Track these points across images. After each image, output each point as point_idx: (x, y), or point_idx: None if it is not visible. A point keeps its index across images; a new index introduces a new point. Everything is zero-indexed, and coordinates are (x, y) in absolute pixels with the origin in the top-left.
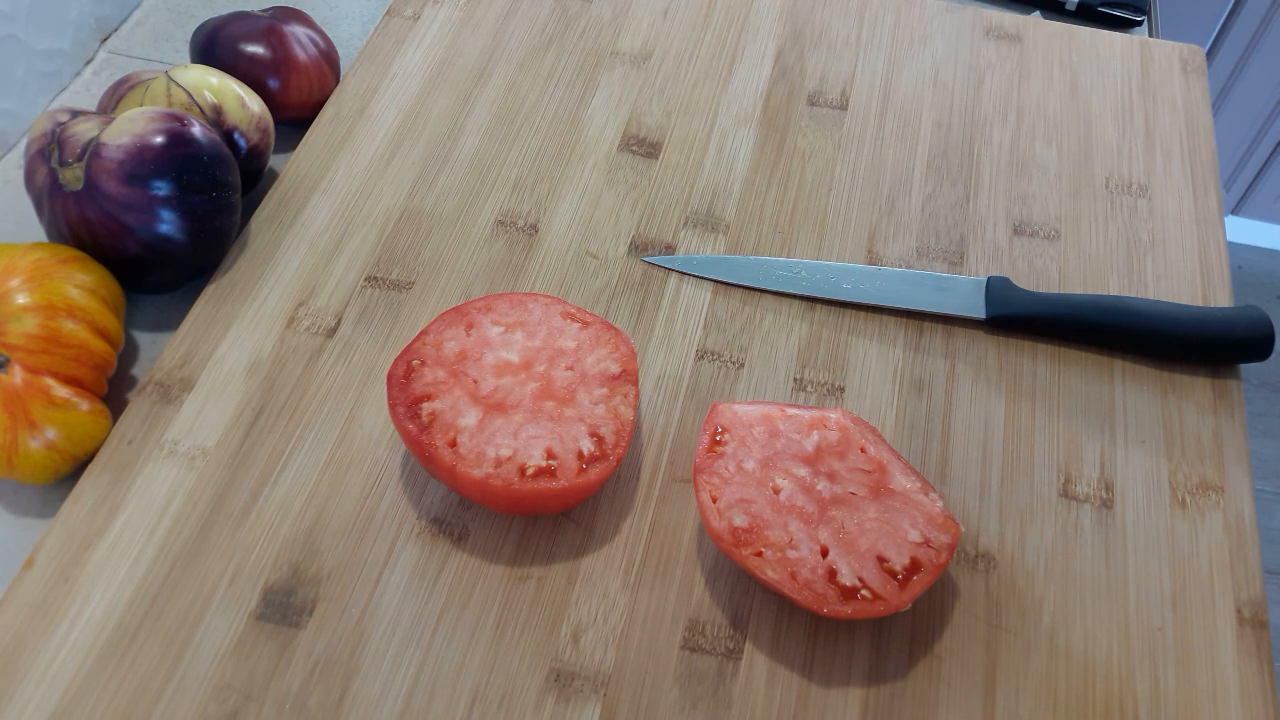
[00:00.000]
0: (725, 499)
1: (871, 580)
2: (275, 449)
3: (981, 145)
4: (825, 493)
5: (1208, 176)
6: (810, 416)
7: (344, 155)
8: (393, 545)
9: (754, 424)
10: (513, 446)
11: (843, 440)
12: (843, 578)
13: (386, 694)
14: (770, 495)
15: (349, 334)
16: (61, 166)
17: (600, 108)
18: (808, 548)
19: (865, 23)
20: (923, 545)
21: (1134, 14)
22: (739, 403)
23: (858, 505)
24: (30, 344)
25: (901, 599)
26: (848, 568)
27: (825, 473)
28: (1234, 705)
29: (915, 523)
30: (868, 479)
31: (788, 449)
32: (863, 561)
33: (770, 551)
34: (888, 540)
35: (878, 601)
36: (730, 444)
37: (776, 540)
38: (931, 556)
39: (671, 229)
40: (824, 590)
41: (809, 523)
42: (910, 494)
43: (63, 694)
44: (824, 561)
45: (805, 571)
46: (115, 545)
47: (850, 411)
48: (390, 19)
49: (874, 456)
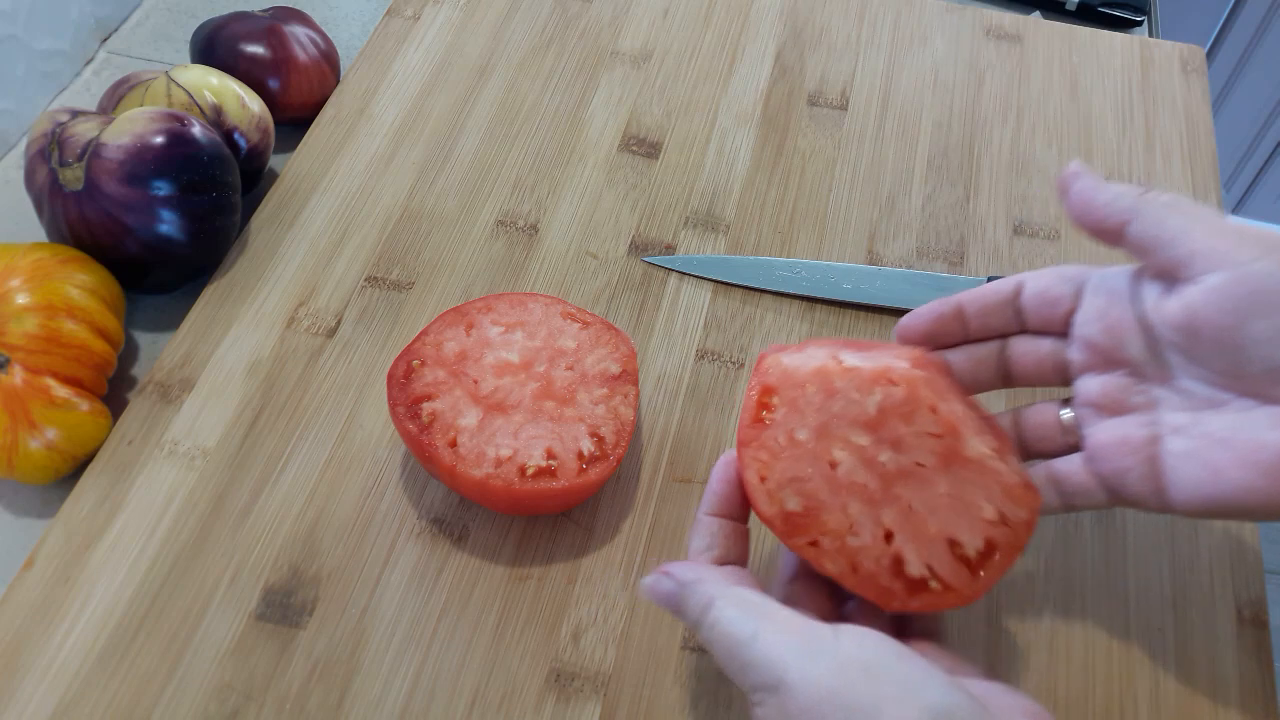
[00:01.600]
0: (775, 477)
1: (942, 569)
2: (275, 449)
3: (981, 145)
4: (890, 465)
5: (1208, 176)
6: (872, 370)
7: (344, 155)
8: (393, 545)
9: (807, 381)
10: (513, 446)
11: (909, 398)
12: (910, 567)
13: (386, 694)
14: (827, 471)
15: (349, 334)
16: (61, 166)
17: (600, 108)
18: (870, 533)
19: (865, 23)
20: (998, 524)
21: (1134, 14)
22: (788, 350)
23: (926, 479)
24: (30, 344)
25: (974, 589)
26: (915, 555)
27: (890, 440)
28: (1234, 705)
29: (990, 496)
30: (938, 445)
31: (846, 412)
32: (932, 547)
33: (828, 540)
34: (960, 519)
35: (949, 594)
36: (780, 409)
37: (835, 526)
38: (1007, 537)
39: (671, 229)
40: (889, 584)
41: (871, 503)
42: (985, 461)
43: (63, 694)
44: (889, 549)
45: (868, 562)
46: (115, 545)
47: (921, 351)
48: (390, 19)
49: (945, 417)
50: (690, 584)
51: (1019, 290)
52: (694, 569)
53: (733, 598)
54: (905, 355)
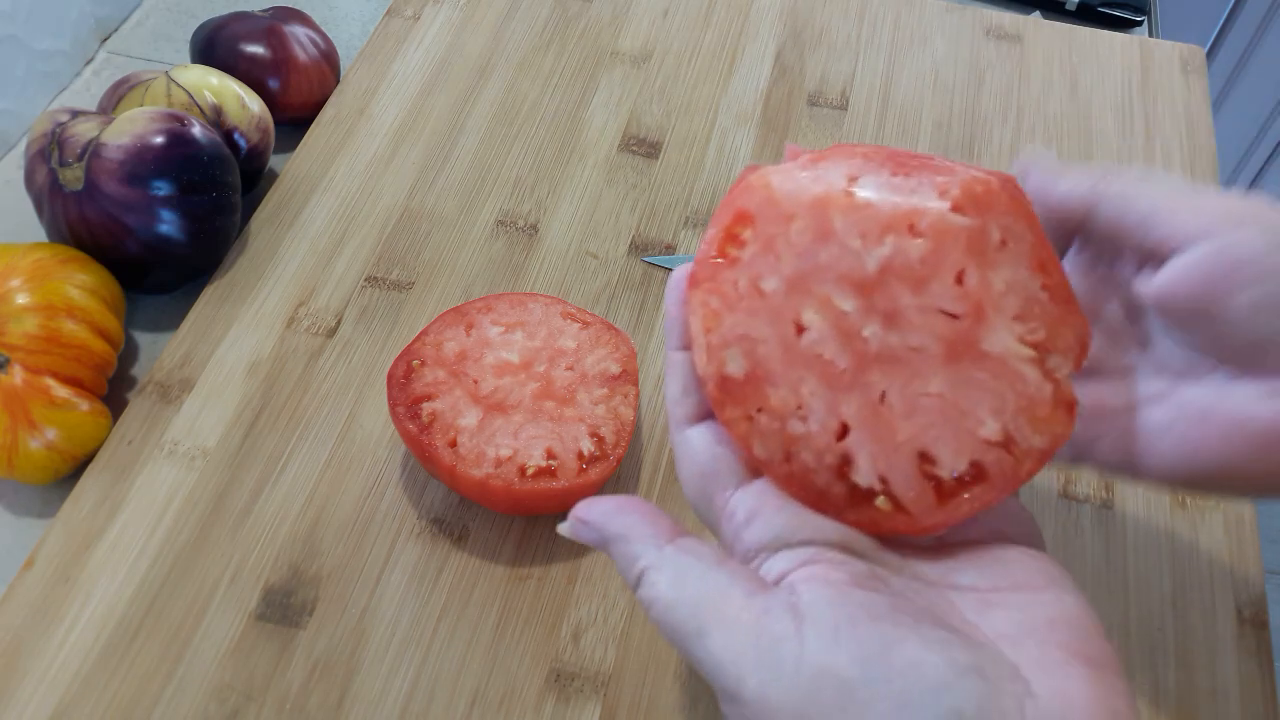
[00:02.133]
0: (722, 331)
1: (899, 484)
2: (275, 449)
3: (981, 145)
4: (874, 343)
5: (1208, 176)
6: (893, 210)
7: (344, 155)
8: (393, 545)
9: (796, 214)
10: (513, 446)
11: (930, 257)
12: (858, 473)
13: (386, 694)
14: (788, 335)
15: (349, 334)
16: (61, 166)
17: (600, 108)
18: (820, 421)
19: (865, 23)
20: (997, 445)
21: (1134, 14)
22: (789, 164)
23: (918, 369)
24: (30, 344)
25: (934, 518)
26: (869, 459)
27: (884, 310)
28: (1234, 705)
29: (1000, 408)
30: (950, 328)
31: (836, 263)
32: (895, 456)
33: (765, 418)
34: (945, 429)
35: (897, 515)
36: (750, 246)
37: (778, 403)
38: (1003, 465)
39: (671, 229)
40: (826, 485)
41: (834, 386)
42: (1010, 359)
43: (63, 694)
44: (837, 445)
45: (807, 454)
46: (115, 545)
47: (998, 183)
48: (390, 19)
49: (972, 290)
50: (614, 540)
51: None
52: (617, 512)
53: (668, 567)
54: (959, 187)
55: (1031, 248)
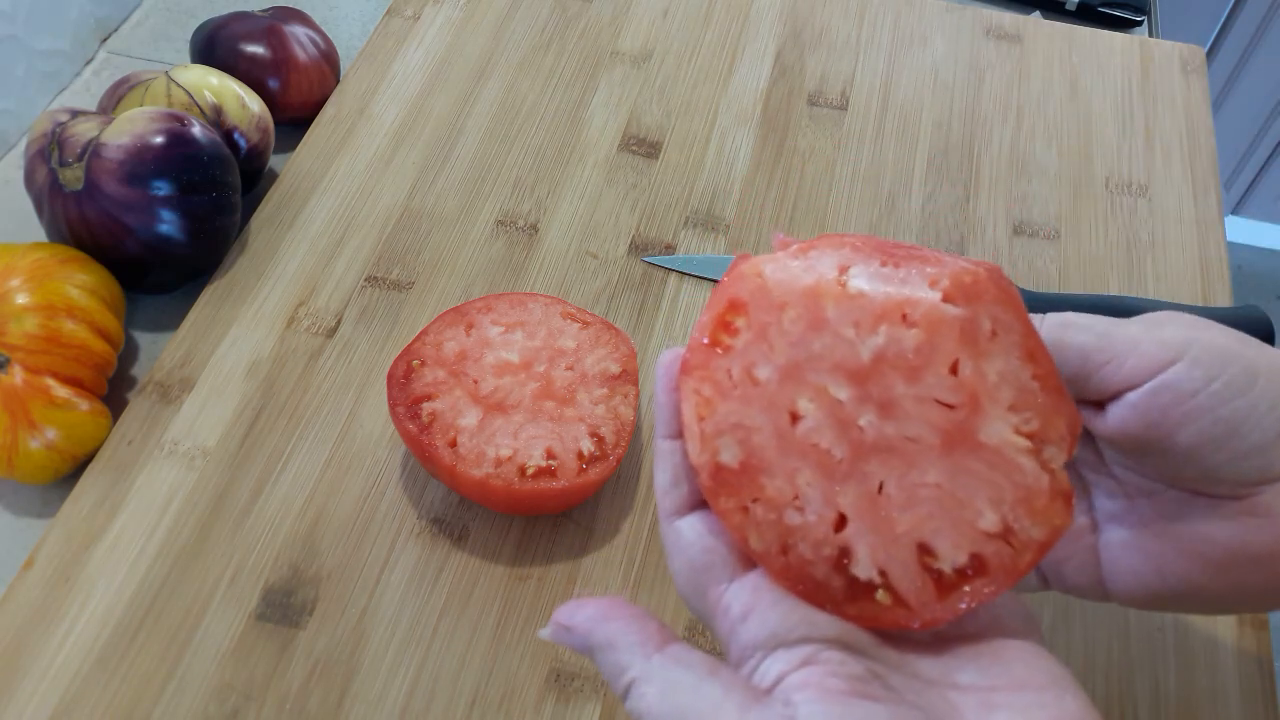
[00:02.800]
0: (715, 420)
1: (900, 578)
2: (275, 449)
3: (981, 145)
4: (870, 432)
5: (1208, 176)
6: (885, 300)
7: (344, 155)
8: (393, 545)
9: (788, 303)
10: (513, 446)
11: (924, 347)
12: (857, 566)
13: (386, 694)
14: (783, 425)
15: (349, 334)
16: (61, 166)
17: (600, 108)
18: (817, 512)
19: (865, 23)
20: (997, 537)
21: (1134, 14)
22: (788, 249)
23: (916, 459)
24: (30, 344)
25: (934, 614)
26: (868, 553)
27: (880, 400)
28: (1234, 705)
29: (999, 499)
30: (946, 419)
31: (830, 353)
32: (894, 548)
33: (761, 509)
34: (945, 522)
35: (898, 610)
36: (744, 334)
37: (774, 494)
38: (1004, 558)
39: (671, 229)
40: (824, 578)
41: (830, 476)
42: (1006, 449)
43: (63, 694)
44: (835, 537)
45: (805, 546)
46: (115, 545)
47: (985, 273)
48: (390, 19)
49: (967, 381)
50: (599, 649)
51: None
52: (602, 619)
53: (657, 678)
54: (949, 278)
55: (1021, 338)
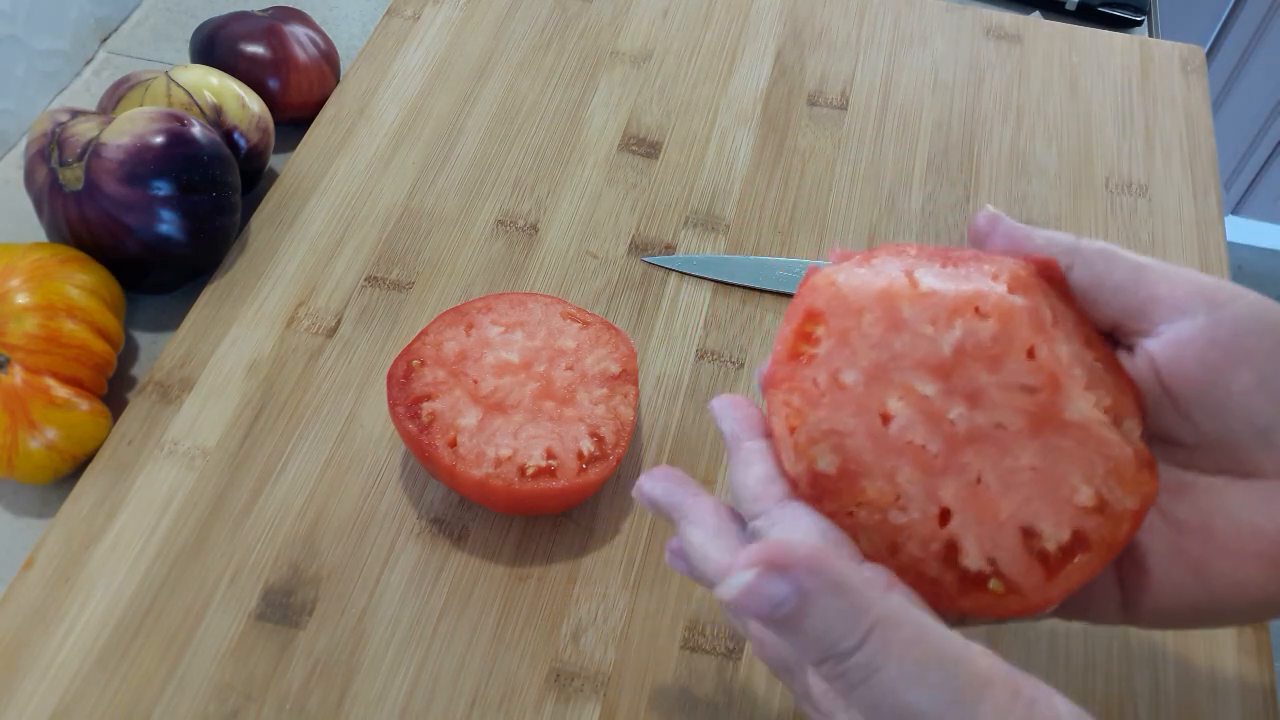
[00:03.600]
0: (808, 429)
1: (1009, 564)
2: (275, 449)
3: (981, 145)
4: (961, 424)
5: (1208, 176)
6: (955, 295)
7: (344, 155)
8: (393, 545)
9: (865, 308)
10: (513, 446)
11: (1000, 336)
12: (967, 558)
13: (386, 694)
14: (875, 426)
15: (349, 334)
16: (61, 166)
17: (600, 108)
18: (921, 509)
19: (865, 23)
20: (1094, 511)
21: (1134, 14)
22: (850, 260)
23: (1008, 446)
24: (30, 344)
25: (1047, 594)
26: (976, 543)
27: (965, 392)
28: (1234, 705)
29: (1091, 473)
30: (1030, 401)
31: (912, 351)
32: (1000, 534)
33: (865, 512)
34: (1044, 502)
35: (1012, 597)
36: (825, 342)
37: (876, 496)
38: (1103, 530)
39: (671, 229)
40: (937, 574)
41: (929, 471)
42: (1091, 427)
43: (63, 694)
44: (942, 532)
45: (913, 545)
46: (115, 545)
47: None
48: (390, 19)
49: (1046, 364)
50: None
51: None
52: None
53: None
54: (1008, 271)
55: (1077, 324)
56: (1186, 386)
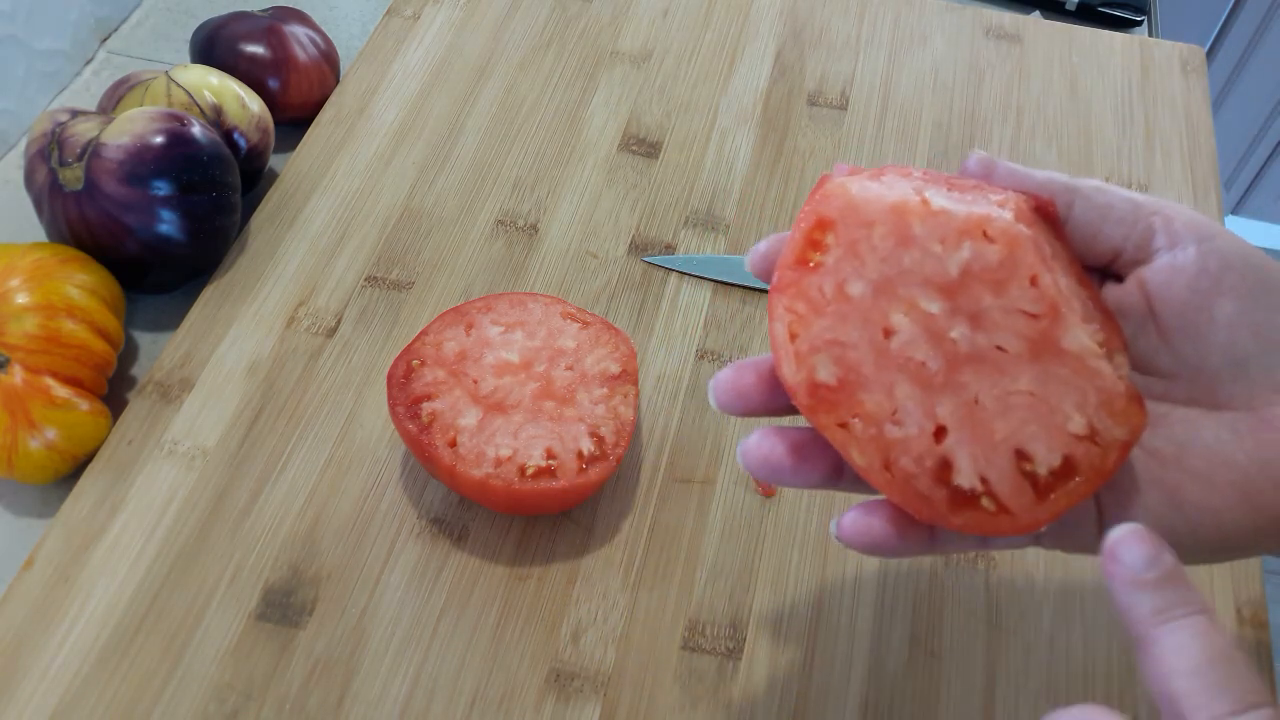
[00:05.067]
0: (810, 337)
1: (1000, 484)
2: (275, 449)
3: (981, 145)
4: (962, 344)
5: (1208, 176)
6: (965, 217)
7: (344, 155)
8: (393, 545)
9: (877, 220)
10: (513, 446)
11: (1006, 261)
12: (960, 476)
13: (386, 694)
14: (878, 339)
15: (349, 334)
16: (61, 166)
17: (600, 108)
18: (918, 425)
19: (865, 23)
20: (1085, 439)
21: (1134, 14)
22: (859, 174)
23: (1006, 368)
24: (30, 344)
25: (1035, 516)
26: (969, 461)
27: (968, 312)
28: None
29: (1084, 403)
30: (1030, 328)
31: (920, 268)
32: (993, 455)
33: (861, 425)
34: (1038, 426)
35: (1002, 516)
36: (833, 251)
37: (874, 409)
38: (1093, 458)
39: (671, 229)
40: (929, 490)
41: (927, 388)
42: (1086, 358)
43: (63, 694)
44: (936, 448)
45: (907, 460)
46: (115, 545)
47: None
48: (390, 19)
49: (1047, 292)
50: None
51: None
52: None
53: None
54: (1013, 204)
55: (1070, 263)
56: (1173, 312)
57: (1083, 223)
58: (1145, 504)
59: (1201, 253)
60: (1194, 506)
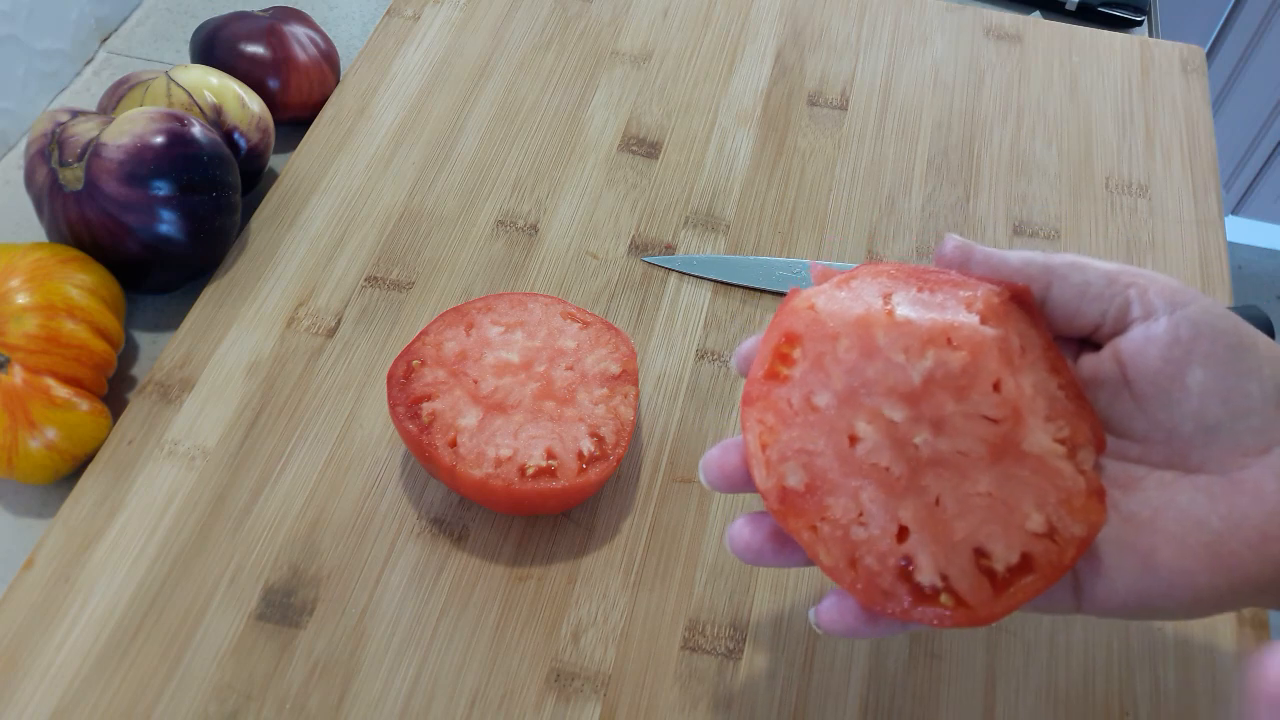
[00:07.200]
0: (780, 446)
1: (959, 581)
2: (275, 449)
3: (981, 145)
4: (924, 449)
5: (1208, 176)
6: (929, 326)
7: (344, 155)
8: (393, 545)
9: (841, 333)
10: (513, 446)
11: (968, 368)
12: (920, 574)
13: (386, 694)
14: (843, 447)
15: (349, 334)
16: (61, 166)
17: (600, 108)
18: (881, 526)
19: (865, 23)
20: (1043, 537)
21: (1134, 14)
22: (831, 281)
23: (967, 471)
24: (30, 344)
25: (992, 610)
26: (930, 560)
27: (931, 419)
28: (1234, 705)
29: (1044, 502)
30: (992, 432)
31: (883, 378)
32: (953, 554)
33: (828, 527)
34: (996, 526)
35: (960, 610)
36: (800, 364)
37: (840, 513)
38: (1050, 554)
39: (671, 229)
40: (891, 587)
41: (890, 491)
42: (1046, 458)
43: (63, 694)
44: (899, 548)
45: (871, 558)
46: (115, 545)
47: (1008, 292)
48: (390, 19)
49: (1009, 397)
50: None
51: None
52: None
53: None
54: (982, 300)
55: (1044, 351)
56: (1147, 380)
57: (1060, 303)
58: (1120, 568)
59: (1174, 322)
60: (1168, 569)
